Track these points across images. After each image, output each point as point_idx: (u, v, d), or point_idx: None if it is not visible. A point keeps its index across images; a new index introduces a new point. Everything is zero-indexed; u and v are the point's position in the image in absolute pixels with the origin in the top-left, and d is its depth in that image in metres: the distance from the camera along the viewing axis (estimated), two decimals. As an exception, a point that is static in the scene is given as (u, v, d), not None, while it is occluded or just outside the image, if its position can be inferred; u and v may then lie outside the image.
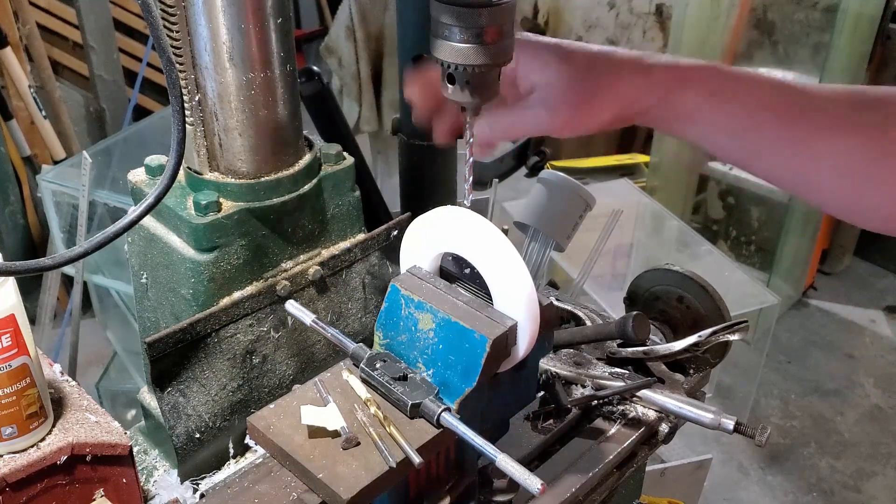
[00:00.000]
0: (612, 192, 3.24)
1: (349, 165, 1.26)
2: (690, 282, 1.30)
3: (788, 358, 3.64)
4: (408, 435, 0.91)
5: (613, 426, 1.21)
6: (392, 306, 0.97)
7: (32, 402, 0.94)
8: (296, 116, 1.17)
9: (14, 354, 0.91)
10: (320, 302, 1.26)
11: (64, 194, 2.81)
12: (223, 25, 1.04)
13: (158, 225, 1.17)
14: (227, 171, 1.15)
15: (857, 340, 3.77)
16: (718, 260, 3.04)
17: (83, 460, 0.98)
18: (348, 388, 0.98)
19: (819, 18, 3.48)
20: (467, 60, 0.82)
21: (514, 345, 0.93)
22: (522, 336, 0.92)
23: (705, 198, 3.99)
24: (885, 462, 3.12)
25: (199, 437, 1.16)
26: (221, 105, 1.10)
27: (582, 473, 1.12)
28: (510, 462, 0.85)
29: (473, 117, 0.91)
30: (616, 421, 1.21)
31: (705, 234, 3.43)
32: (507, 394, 1.01)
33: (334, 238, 1.27)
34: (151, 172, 1.19)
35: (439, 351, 0.93)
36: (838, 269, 4.15)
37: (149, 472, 1.24)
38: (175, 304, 1.17)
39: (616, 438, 1.19)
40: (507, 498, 1.09)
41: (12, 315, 0.90)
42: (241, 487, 1.03)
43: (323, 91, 1.72)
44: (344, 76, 3.35)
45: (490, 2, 0.79)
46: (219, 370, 1.15)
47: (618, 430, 1.20)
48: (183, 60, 1.08)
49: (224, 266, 1.13)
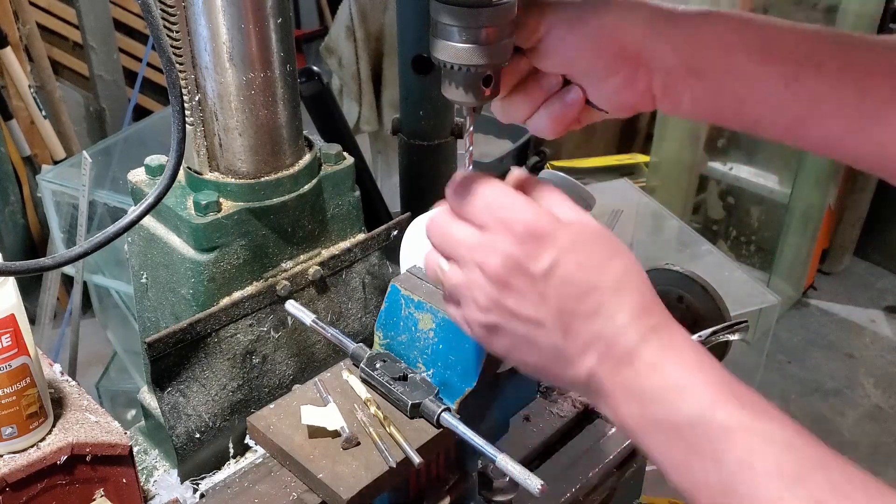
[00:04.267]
0: (612, 192, 3.23)
1: (349, 165, 1.26)
2: (690, 282, 1.30)
3: (788, 358, 3.64)
4: (408, 435, 0.91)
5: (613, 426, 1.21)
6: (392, 306, 0.97)
7: (32, 402, 0.94)
8: (296, 116, 1.17)
9: (14, 354, 0.91)
10: (320, 302, 1.26)
11: (64, 194, 2.81)
12: (223, 25, 1.04)
13: (158, 225, 1.17)
14: (227, 171, 1.15)
15: (857, 340, 3.77)
16: (718, 260, 3.03)
17: (83, 460, 0.98)
18: (348, 388, 0.98)
19: (819, 18, 3.48)
20: (467, 60, 0.82)
21: (514, 345, 0.93)
22: (522, 336, 0.92)
23: (705, 198, 3.99)
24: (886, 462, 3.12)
25: (199, 437, 1.16)
26: (221, 105, 1.10)
27: (582, 473, 1.12)
28: (510, 462, 0.85)
29: (473, 117, 0.91)
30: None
31: (705, 234, 3.42)
32: (507, 394, 1.01)
33: (334, 238, 1.27)
34: (151, 172, 1.19)
35: (439, 351, 0.93)
36: (838, 269, 4.15)
37: (149, 472, 1.24)
38: (175, 304, 1.17)
39: (616, 438, 1.19)
40: (507, 498, 1.09)
41: (12, 315, 0.90)
42: (241, 487, 1.03)
43: (323, 91, 1.72)
44: (344, 76, 3.34)
45: (490, 2, 0.79)
46: (219, 370, 1.15)
47: (618, 431, 1.20)
48: (183, 60, 1.08)
49: (224, 266, 1.13)
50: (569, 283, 0.71)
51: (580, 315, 0.70)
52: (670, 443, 0.67)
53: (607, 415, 0.73)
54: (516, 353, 0.76)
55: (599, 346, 0.70)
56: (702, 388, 0.66)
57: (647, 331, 0.69)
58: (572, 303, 0.70)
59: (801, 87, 0.77)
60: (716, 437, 0.64)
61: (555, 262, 0.71)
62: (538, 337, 0.73)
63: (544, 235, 0.72)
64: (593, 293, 0.70)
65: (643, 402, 0.68)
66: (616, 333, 0.69)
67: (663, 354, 0.68)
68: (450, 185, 0.78)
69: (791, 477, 0.60)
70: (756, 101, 0.79)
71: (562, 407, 1.25)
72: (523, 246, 0.72)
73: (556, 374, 0.75)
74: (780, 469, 0.61)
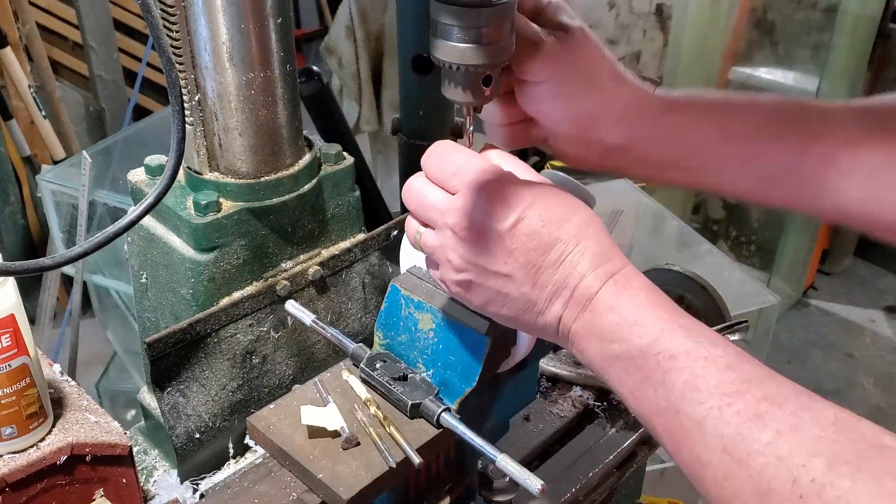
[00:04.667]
0: (612, 192, 3.22)
1: (349, 165, 1.26)
2: (690, 282, 1.30)
3: (788, 358, 3.64)
4: (408, 435, 0.91)
5: (613, 426, 1.21)
6: (392, 306, 0.97)
7: (32, 402, 0.94)
8: (296, 116, 1.17)
9: (14, 354, 0.91)
10: (320, 302, 1.26)
11: (64, 194, 2.81)
12: (223, 25, 1.04)
13: (158, 225, 1.17)
14: (227, 171, 1.15)
15: (857, 340, 3.77)
16: (718, 260, 3.03)
17: (83, 460, 0.98)
18: (348, 388, 0.98)
19: (819, 18, 3.48)
20: (467, 60, 0.82)
21: (514, 345, 0.93)
22: (522, 336, 0.92)
23: (705, 198, 3.98)
24: (885, 462, 3.11)
25: (199, 437, 1.16)
26: (221, 105, 1.10)
27: (582, 473, 1.12)
28: (510, 462, 0.85)
29: (473, 117, 0.91)
30: (616, 421, 1.21)
31: (705, 234, 3.42)
32: (507, 394, 1.01)
33: (334, 238, 1.27)
34: (151, 172, 1.19)
35: (439, 351, 0.93)
36: (838, 269, 4.15)
37: (149, 472, 1.24)
38: (175, 304, 1.17)
39: (616, 438, 1.19)
40: (507, 498, 1.09)
41: (12, 315, 0.90)
42: (241, 487, 1.03)
43: (323, 91, 1.72)
44: (344, 76, 3.34)
45: (490, 2, 0.79)
46: (219, 370, 1.15)
47: (618, 430, 1.20)
48: (183, 60, 1.08)
49: (224, 266, 1.13)
50: (533, 237, 0.76)
51: (546, 266, 0.76)
52: (627, 373, 0.73)
53: (576, 355, 0.79)
54: (492, 307, 0.81)
55: (565, 293, 0.76)
56: (652, 322, 0.73)
57: (606, 276, 0.75)
58: (537, 255, 0.76)
59: (757, 163, 0.87)
60: (664, 364, 0.70)
61: (519, 218, 0.76)
62: (509, 290, 0.78)
63: (509, 196, 0.78)
64: (556, 245, 0.76)
65: (603, 340, 0.74)
66: (578, 281, 0.76)
67: (619, 296, 0.75)
68: (425, 154, 0.85)
69: (731, 393, 0.66)
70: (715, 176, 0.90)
71: (562, 407, 1.25)
72: (490, 206, 0.77)
73: (529, 322, 0.80)
74: (721, 387, 0.67)
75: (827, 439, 0.62)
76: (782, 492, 0.61)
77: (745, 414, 0.65)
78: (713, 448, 0.66)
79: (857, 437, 0.62)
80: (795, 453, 0.62)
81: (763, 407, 0.65)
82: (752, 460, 0.63)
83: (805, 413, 0.64)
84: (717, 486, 0.66)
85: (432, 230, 0.83)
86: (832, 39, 3.39)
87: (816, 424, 0.63)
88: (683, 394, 0.68)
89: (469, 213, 0.78)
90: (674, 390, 0.69)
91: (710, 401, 0.67)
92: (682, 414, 0.68)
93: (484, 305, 0.82)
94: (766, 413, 0.64)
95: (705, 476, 0.67)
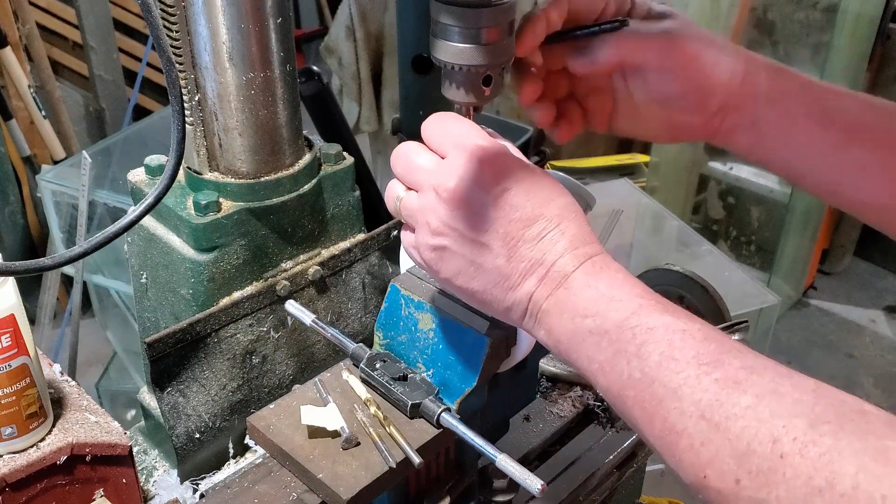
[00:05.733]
0: (612, 192, 3.23)
1: (349, 165, 1.26)
2: (690, 282, 1.30)
3: (788, 358, 3.63)
4: (408, 435, 0.91)
5: (613, 426, 1.21)
6: (392, 306, 0.97)
7: (32, 402, 0.94)
8: (296, 116, 1.17)
9: (14, 354, 0.91)
10: (320, 302, 1.26)
11: (64, 194, 2.81)
12: (223, 25, 1.04)
13: (158, 225, 1.17)
14: (227, 170, 1.15)
15: (857, 340, 3.77)
16: (718, 260, 3.03)
17: (83, 460, 0.97)
18: (348, 388, 0.98)
19: (819, 18, 3.48)
20: (467, 60, 0.82)
21: (513, 345, 0.93)
22: (522, 336, 0.92)
23: (705, 198, 3.99)
24: (886, 462, 3.11)
25: (199, 437, 1.16)
26: (221, 105, 1.10)
27: (582, 473, 1.12)
28: (510, 462, 0.85)
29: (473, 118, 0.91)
30: (616, 421, 1.21)
31: (705, 234, 3.42)
32: (507, 394, 1.01)
33: (334, 238, 1.27)
34: (151, 172, 1.19)
35: (439, 351, 0.93)
36: (838, 269, 4.15)
37: (149, 472, 1.24)
38: (175, 304, 1.17)
39: (616, 438, 1.19)
40: (507, 498, 1.09)
41: (12, 315, 0.90)
42: (241, 487, 1.03)
43: (323, 91, 1.72)
44: (344, 76, 3.34)
45: (489, 2, 0.79)
46: (219, 370, 1.15)
47: (618, 430, 1.20)
48: (183, 60, 1.08)
49: (224, 266, 1.13)
50: (516, 209, 0.76)
51: (525, 240, 0.76)
52: (599, 346, 0.72)
53: (541, 335, 0.78)
54: (462, 278, 0.80)
55: (540, 270, 0.76)
56: (629, 298, 0.73)
57: (584, 257, 0.76)
58: (518, 228, 0.76)
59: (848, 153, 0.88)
60: (640, 336, 0.70)
61: (505, 188, 0.77)
62: (483, 260, 0.78)
63: (500, 165, 0.78)
64: (538, 221, 0.76)
65: (575, 316, 0.74)
66: (555, 259, 0.76)
67: (597, 276, 0.75)
68: (426, 121, 0.84)
69: (709, 363, 0.66)
70: (805, 159, 0.90)
71: (562, 407, 1.25)
72: (479, 171, 0.77)
73: (497, 298, 0.79)
74: (699, 357, 0.67)
75: (808, 403, 0.61)
76: (762, 452, 0.60)
77: (724, 381, 0.64)
78: (689, 415, 0.65)
79: (838, 402, 0.61)
80: (776, 414, 0.61)
81: (742, 375, 0.65)
82: (731, 424, 0.62)
83: (785, 380, 0.64)
84: (693, 452, 0.65)
85: (415, 193, 0.82)
86: (832, 39, 3.39)
87: (797, 390, 0.63)
88: (660, 363, 0.68)
89: (457, 174, 0.77)
90: (649, 361, 0.69)
91: (688, 370, 0.66)
92: (657, 383, 0.68)
93: (452, 277, 0.80)
94: (746, 380, 0.64)
95: (679, 444, 0.66)
